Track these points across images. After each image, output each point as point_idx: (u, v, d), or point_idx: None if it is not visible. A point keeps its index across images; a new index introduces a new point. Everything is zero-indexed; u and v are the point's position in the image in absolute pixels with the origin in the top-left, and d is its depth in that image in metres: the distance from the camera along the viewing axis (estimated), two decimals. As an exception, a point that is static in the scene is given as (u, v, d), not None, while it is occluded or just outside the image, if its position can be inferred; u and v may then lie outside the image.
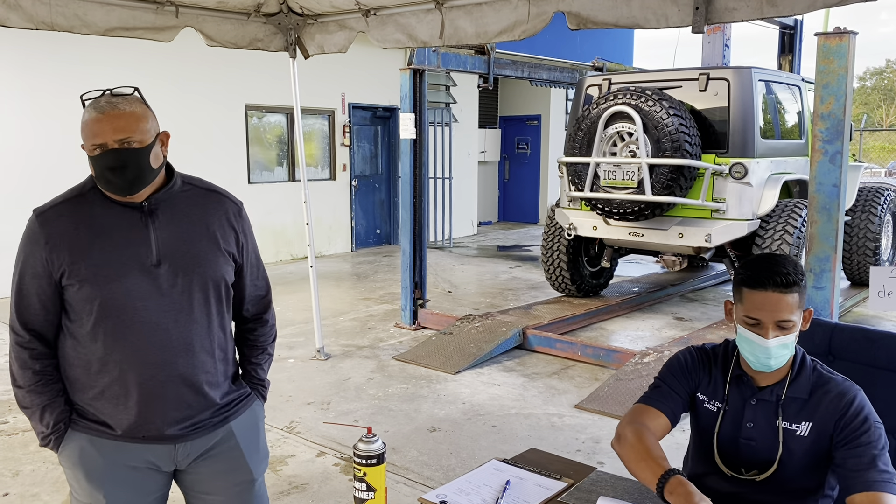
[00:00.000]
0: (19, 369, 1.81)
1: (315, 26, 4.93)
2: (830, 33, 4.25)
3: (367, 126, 11.71)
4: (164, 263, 1.79)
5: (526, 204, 15.14)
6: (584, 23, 3.44)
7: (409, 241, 6.68)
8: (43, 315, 1.80)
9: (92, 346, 1.79)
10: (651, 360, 5.18)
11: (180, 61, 8.57)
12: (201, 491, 1.96)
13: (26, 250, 1.80)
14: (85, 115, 1.75)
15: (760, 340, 1.77)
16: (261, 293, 2.06)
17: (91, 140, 1.73)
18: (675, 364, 2.01)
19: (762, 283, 1.76)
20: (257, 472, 2.01)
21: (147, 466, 1.87)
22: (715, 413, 1.93)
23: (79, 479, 1.85)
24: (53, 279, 1.77)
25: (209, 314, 1.87)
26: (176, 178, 1.89)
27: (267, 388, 2.11)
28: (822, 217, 4.30)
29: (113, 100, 1.75)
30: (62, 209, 1.81)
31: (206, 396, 1.88)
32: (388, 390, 5.06)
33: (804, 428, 1.81)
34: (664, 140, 6.08)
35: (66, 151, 8.13)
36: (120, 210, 1.80)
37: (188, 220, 1.86)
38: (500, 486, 1.89)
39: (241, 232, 1.95)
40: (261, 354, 2.09)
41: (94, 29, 4.03)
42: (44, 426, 1.83)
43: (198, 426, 1.88)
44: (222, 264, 1.89)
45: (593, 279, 7.69)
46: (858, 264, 7.99)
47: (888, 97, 39.78)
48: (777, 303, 1.75)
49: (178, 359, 1.81)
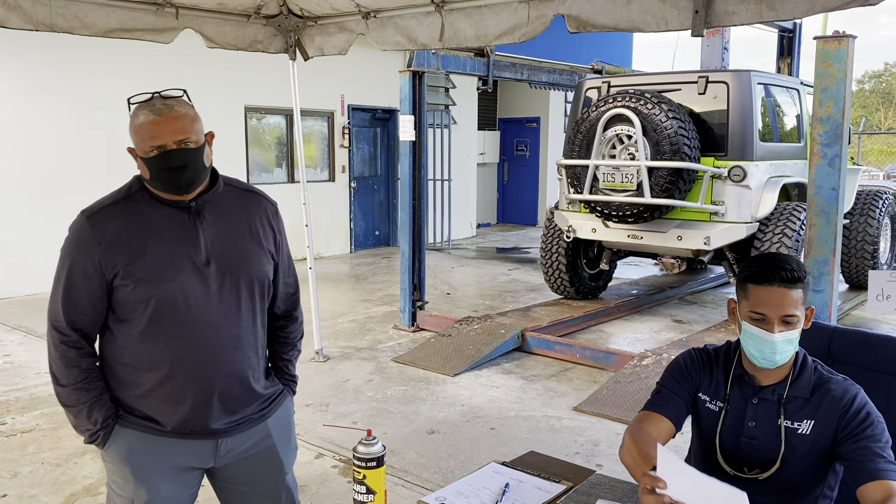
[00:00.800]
0: (65, 368, 1.82)
1: (315, 28, 4.93)
2: (829, 37, 4.26)
3: (367, 128, 11.71)
4: (213, 262, 1.85)
5: (525, 206, 15.15)
6: (583, 26, 3.45)
7: (408, 242, 6.68)
8: (91, 315, 1.83)
9: (143, 345, 1.83)
10: (650, 363, 5.18)
11: (180, 63, 8.56)
12: (236, 483, 2.02)
13: (76, 251, 1.82)
14: (138, 117, 1.78)
15: (766, 335, 1.78)
16: (291, 290, 2.13)
17: (149, 142, 1.76)
18: (674, 367, 2.02)
19: (768, 278, 1.77)
20: (288, 466, 2.08)
21: (189, 465, 1.93)
22: (717, 413, 1.94)
23: (125, 475, 1.89)
24: (105, 280, 1.80)
25: (254, 311, 1.94)
26: (220, 179, 1.95)
27: (296, 383, 2.19)
28: (821, 220, 4.31)
29: (167, 102, 1.80)
30: (112, 211, 1.84)
31: (252, 391, 1.95)
32: (386, 392, 5.06)
33: (806, 426, 1.82)
34: (663, 143, 6.08)
35: (64, 151, 8.13)
36: (169, 211, 1.85)
37: (232, 219, 1.92)
38: (499, 488, 1.89)
39: (277, 231, 2.02)
40: (291, 350, 2.15)
41: (94, 30, 4.03)
42: (91, 423, 1.85)
43: (240, 421, 1.94)
44: (265, 263, 1.95)
45: (592, 281, 7.70)
46: (857, 267, 8.00)
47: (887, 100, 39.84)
48: (783, 297, 1.77)
49: (228, 356, 1.88)
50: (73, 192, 8.03)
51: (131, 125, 1.79)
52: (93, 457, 3.96)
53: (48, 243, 7.88)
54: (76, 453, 4.01)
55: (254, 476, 2.02)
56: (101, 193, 1.94)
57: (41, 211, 7.96)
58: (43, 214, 7.95)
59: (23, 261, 7.90)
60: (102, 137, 8.33)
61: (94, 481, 3.69)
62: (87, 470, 3.82)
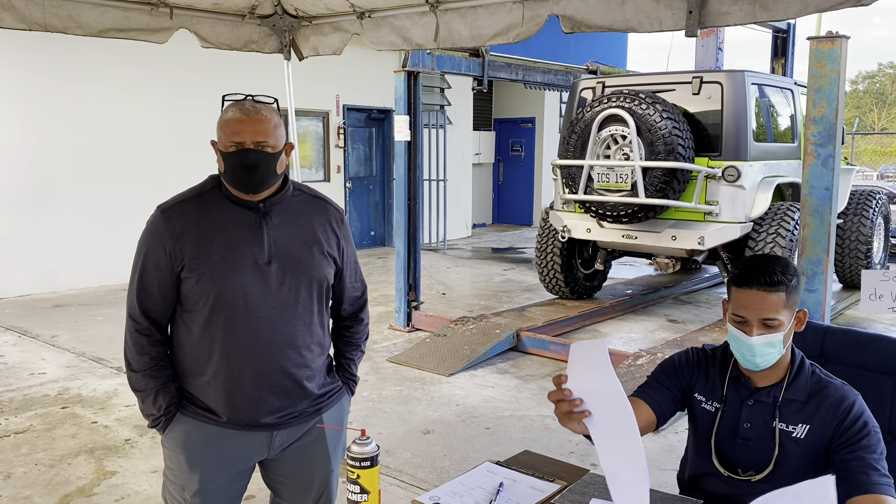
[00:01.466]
0: (136, 354, 1.92)
1: (309, 28, 4.92)
2: (823, 37, 4.28)
3: (362, 128, 11.71)
4: (275, 262, 1.92)
5: (520, 206, 15.16)
6: (577, 26, 3.45)
7: (404, 243, 6.68)
8: (162, 304, 1.93)
9: (204, 337, 1.91)
10: (644, 363, 5.19)
11: (174, 63, 8.55)
12: (283, 476, 2.09)
13: (150, 243, 1.91)
14: (227, 113, 1.88)
15: (745, 338, 1.80)
16: (357, 294, 2.21)
17: (231, 137, 1.85)
18: (667, 364, 2.03)
19: (748, 281, 1.80)
20: (335, 464, 2.14)
21: (243, 457, 2.01)
22: (713, 413, 1.94)
23: (180, 461, 1.98)
24: (174, 271, 1.89)
25: (311, 312, 2.00)
26: (289, 184, 2.03)
27: (357, 383, 2.25)
28: (815, 220, 4.32)
29: (256, 105, 1.90)
30: (185, 206, 1.93)
31: (304, 389, 2.00)
32: (381, 392, 5.06)
33: (801, 430, 1.82)
34: (657, 143, 6.09)
35: (58, 152, 8.10)
36: (237, 210, 1.93)
37: (297, 223, 1.99)
38: (493, 488, 1.89)
39: (342, 237, 2.08)
40: (355, 351, 2.23)
41: (87, 30, 4.02)
42: (156, 409, 1.94)
43: (294, 415, 2.01)
44: (325, 266, 2.02)
45: (587, 281, 7.71)
46: (850, 267, 8.03)
47: (880, 101, 39.97)
48: (761, 301, 1.78)
49: (283, 352, 1.94)
50: (68, 192, 8.02)
51: (219, 120, 1.89)
52: (87, 458, 3.95)
53: (42, 244, 7.90)
54: (70, 454, 4.00)
55: (300, 469, 2.08)
56: (96, 194, 1.96)
57: (35, 211, 7.94)
58: (37, 215, 7.93)
59: (17, 261, 7.88)
60: (97, 138, 8.31)
61: (88, 482, 3.68)
62: (80, 471, 3.81)
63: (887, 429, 2.02)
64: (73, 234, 8.11)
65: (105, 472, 3.80)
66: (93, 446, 4.11)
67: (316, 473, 2.10)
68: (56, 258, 8.10)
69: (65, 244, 8.09)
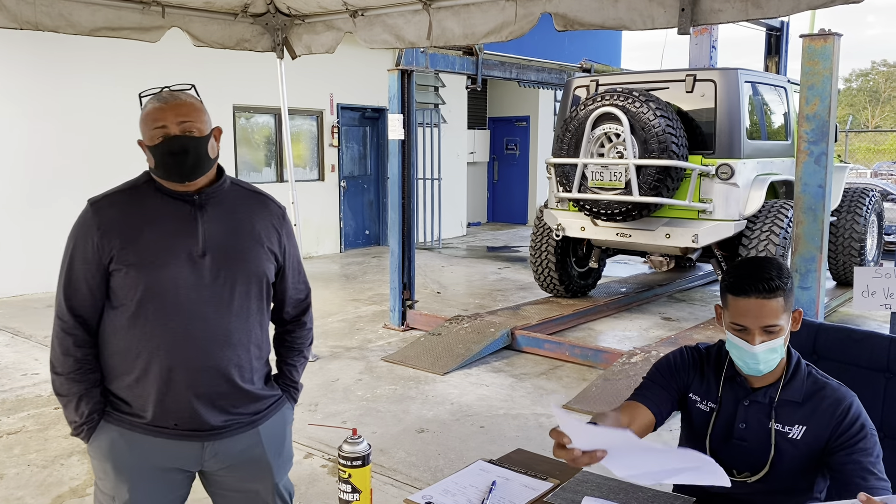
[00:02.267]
0: (61, 356, 1.85)
1: (302, 27, 4.92)
2: (815, 35, 4.28)
3: (356, 127, 11.69)
4: (209, 255, 1.85)
5: (515, 205, 15.16)
6: (570, 24, 3.45)
7: (398, 241, 6.67)
8: (90, 300, 1.85)
9: (132, 331, 1.83)
10: (638, 361, 5.20)
11: (167, 61, 8.52)
12: (225, 489, 2.01)
13: (77, 237, 1.86)
14: (146, 107, 1.84)
15: (748, 347, 1.77)
16: (300, 296, 2.12)
17: (153, 125, 1.80)
18: (663, 364, 2.01)
19: (745, 290, 1.76)
20: (279, 476, 2.05)
21: (173, 466, 1.91)
22: (708, 413, 1.93)
23: (106, 470, 1.89)
24: (102, 264, 1.82)
25: (248, 309, 1.92)
26: (225, 177, 1.97)
27: (299, 391, 2.16)
28: (808, 217, 4.33)
29: (174, 93, 1.85)
30: (115, 199, 1.88)
31: (240, 390, 1.91)
32: (376, 391, 5.06)
33: (797, 431, 1.81)
34: (651, 141, 6.10)
35: (50, 152, 8.07)
36: (171, 202, 1.86)
37: (235, 217, 1.93)
38: (485, 486, 1.89)
39: (283, 234, 2.01)
40: (297, 356, 2.14)
41: (79, 29, 4.01)
42: (78, 416, 1.86)
43: (229, 423, 1.91)
44: (264, 261, 1.94)
45: (581, 280, 7.71)
46: (844, 264, 8.05)
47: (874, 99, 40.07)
48: (761, 309, 1.75)
49: (215, 349, 1.86)
50: (61, 192, 7.98)
51: (140, 116, 1.84)
52: (80, 458, 3.94)
53: (35, 244, 7.86)
54: (63, 455, 3.98)
55: (241, 484, 1.99)
56: (89, 193, 1.95)
57: (28, 211, 7.90)
58: (30, 215, 7.90)
59: (9, 261, 7.84)
60: (88, 138, 8.29)
61: (81, 483, 3.67)
62: (73, 471, 3.79)
63: (879, 426, 2.01)
64: (66, 234, 8.05)
65: (98, 472, 3.79)
66: (85, 447, 4.09)
67: (259, 488, 2.01)
68: (49, 258, 8.04)
69: (58, 244, 7.99)
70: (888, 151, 26.26)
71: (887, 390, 2.02)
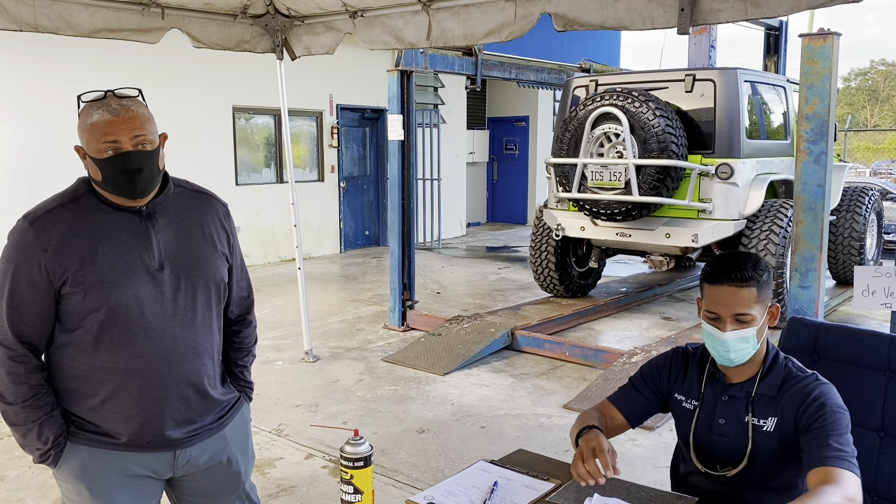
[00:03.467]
0: (11, 385, 1.72)
1: (302, 28, 4.92)
2: (814, 34, 4.29)
3: (356, 127, 11.69)
4: (167, 267, 1.79)
5: (514, 205, 15.16)
6: (570, 24, 3.45)
7: (398, 242, 6.68)
8: (39, 325, 1.74)
9: (94, 355, 1.75)
10: (639, 360, 5.20)
11: (167, 63, 8.52)
12: (194, 495, 1.98)
13: (19, 258, 1.71)
14: (91, 116, 1.69)
15: (718, 334, 1.83)
16: (244, 294, 2.07)
17: (104, 140, 1.68)
18: (646, 367, 2.08)
19: (718, 278, 1.83)
20: (245, 476, 2.05)
21: (147, 474, 1.87)
22: (691, 411, 1.97)
23: (81, 492, 1.81)
24: (53, 288, 1.71)
25: (210, 316, 1.89)
26: (170, 182, 1.87)
27: (252, 389, 2.14)
28: (808, 217, 4.33)
29: (123, 102, 1.71)
30: (57, 215, 1.74)
31: (208, 398, 1.90)
32: (376, 392, 5.06)
33: (770, 423, 1.84)
34: (651, 141, 6.10)
35: (57, 153, 8.07)
36: (119, 215, 1.77)
37: (184, 222, 1.86)
38: (487, 487, 1.89)
39: (230, 233, 1.96)
40: (247, 356, 2.10)
41: (78, 30, 4.00)
42: (41, 442, 1.76)
43: (198, 431, 1.89)
44: (220, 266, 1.90)
45: (581, 279, 7.71)
46: (843, 263, 8.05)
47: (872, 98, 40.09)
48: (732, 296, 1.80)
49: (185, 363, 1.82)
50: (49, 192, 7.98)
51: (82, 123, 1.70)
52: (81, 460, 3.93)
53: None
54: (64, 456, 3.98)
55: (212, 487, 1.98)
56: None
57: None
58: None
59: None
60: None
61: (83, 484, 3.67)
62: (75, 473, 3.79)
63: (880, 425, 2.02)
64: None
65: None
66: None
67: (228, 490, 2.00)
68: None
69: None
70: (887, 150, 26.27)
71: (888, 389, 2.02)
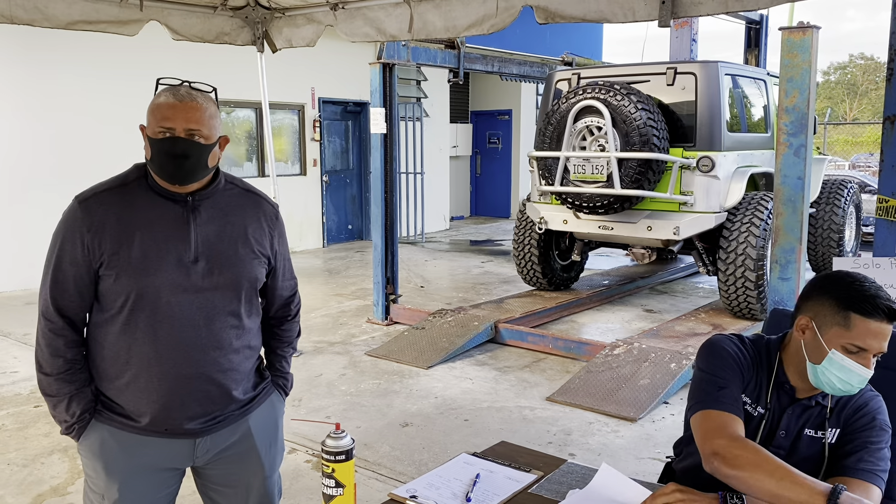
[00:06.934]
0: (50, 357, 1.80)
1: (283, 20, 4.88)
2: (794, 28, 4.32)
3: (338, 121, 11.64)
4: (201, 261, 1.81)
5: (498, 198, 15.17)
6: (551, 17, 3.45)
7: (381, 236, 6.66)
8: (78, 302, 1.81)
9: (123, 338, 1.80)
10: (621, 352, 5.23)
11: (145, 55, 8.42)
12: (216, 484, 1.99)
13: (65, 236, 1.79)
14: (159, 97, 1.76)
15: (862, 371, 1.67)
16: (289, 293, 2.11)
17: (160, 122, 1.74)
18: (725, 359, 1.86)
19: (880, 313, 1.65)
20: (270, 469, 2.04)
21: (164, 465, 1.89)
22: (755, 417, 1.86)
23: (97, 469, 1.87)
24: (92, 268, 1.77)
25: (240, 314, 1.90)
26: (221, 177, 1.91)
27: (290, 382, 2.15)
28: (788, 209, 4.37)
29: (192, 92, 1.78)
30: (105, 198, 1.80)
31: (229, 394, 1.90)
32: (360, 386, 5.05)
33: (831, 434, 1.79)
34: (632, 134, 6.12)
35: (33, 145, 7.97)
36: (163, 203, 1.81)
37: (228, 220, 1.88)
38: (469, 479, 1.89)
39: (275, 234, 1.99)
40: (286, 347, 2.14)
41: (55, 22, 3.95)
42: (69, 415, 1.82)
43: (219, 419, 1.90)
44: (256, 266, 1.92)
45: (564, 272, 7.74)
46: (823, 255, 8.14)
47: (852, 91, 40.47)
48: (886, 334, 1.67)
49: (207, 356, 1.84)
50: (40, 187, 7.88)
51: (151, 104, 1.78)
52: (60, 457, 3.90)
53: (14, 240, 7.76)
54: (43, 453, 3.94)
55: (233, 477, 1.98)
56: (69, 189, 1.90)
57: (6, 208, 7.78)
58: (8, 211, 7.78)
59: (-13, 259, 7.74)
60: (69, 132, 8.18)
61: (62, 481, 3.64)
62: (54, 470, 3.76)
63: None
64: (45, 231, 7.94)
65: (79, 470, 3.75)
66: (66, 445, 4.05)
67: (251, 480, 2.00)
68: (28, 255, 7.96)
69: (37, 240, 7.94)
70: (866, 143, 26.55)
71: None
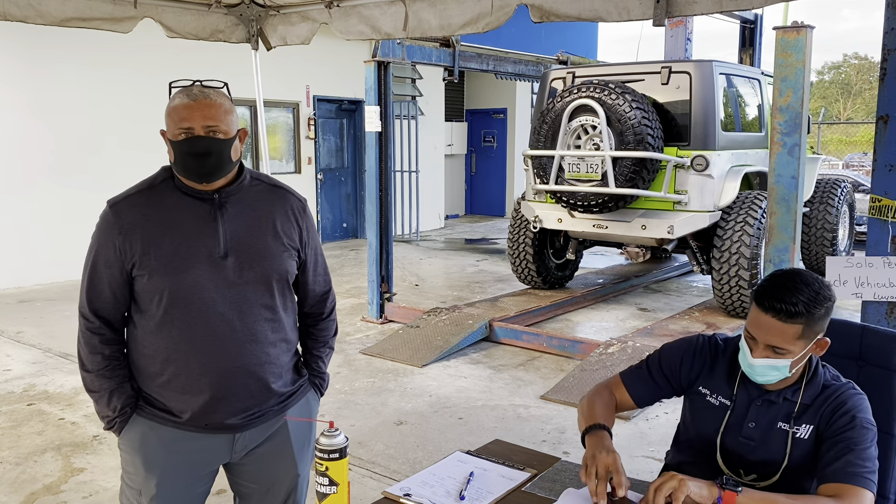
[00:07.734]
0: (89, 354, 1.86)
1: (277, 17, 4.86)
2: (788, 27, 4.33)
3: (333, 119, 11.62)
4: (231, 256, 1.84)
5: (493, 197, 15.17)
6: (546, 15, 3.45)
7: (376, 234, 6.65)
8: (112, 303, 1.86)
9: (159, 336, 1.84)
10: (615, 351, 5.24)
11: (139, 53, 8.40)
12: (249, 480, 2.02)
13: (100, 240, 1.85)
14: (174, 100, 1.81)
15: (748, 356, 1.76)
16: (321, 290, 2.11)
17: (178, 124, 1.78)
18: (668, 354, 1.98)
19: (765, 305, 1.71)
20: (302, 467, 2.05)
21: (203, 459, 1.93)
22: (719, 409, 1.88)
23: (136, 464, 1.91)
24: (125, 269, 1.82)
25: (274, 307, 1.92)
26: (245, 173, 1.95)
27: (326, 382, 2.17)
28: (781, 208, 4.38)
29: (205, 90, 1.82)
30: (135, 200, 1.85)
31: (269, 387, 1.92)
32: (354, 384, 5.04)
33: (805, 430, 1.79)
34: (627, 133, 6.13)
35: (27, 143, 7.94)
36: (190, 202, 1.85)
37: (255, 214, 1.91)
38: (463, 477, 1.89)
39: (304, 228, 2.00)
40: (322, 347, 2.14)
41: (48, 19, 3.92)
42: (110, 410, 1.88)
43: (257, 415, 1.93)
44: (286, 259, 1.93)
45: (559, 271, 7.75)
46: (816, 254, 8.17)
47: (846, 91, 40.59)
48: (771, 328, 1.71)
49: (243, 350, 1.86)
50: (34, 186, 7.85)
51: (167, 108, 1.82)
52: (53, 455, 3.89)
53: (7, 238, 7.73)
54: (36, 452, 3.93)
55: (266, 474, 2.00)
56: (63, 187, 1.91)
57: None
58: (1, 209, 7.76)
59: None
60: (64, 130, 8.15)
61: (55, 480, 3.63)
62: (47, 468, 3.74)
63: (850, 412, 2.04)
64: (39, 229, 7.94)
65: (73, 469, 3.75)
66: (60, 443, 4.04)
67: (283, 478, 2.02)
68: (21, 253, 7.94)
69: (31, 238, 7.93)
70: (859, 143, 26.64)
71: (860, 379, 2.05)
